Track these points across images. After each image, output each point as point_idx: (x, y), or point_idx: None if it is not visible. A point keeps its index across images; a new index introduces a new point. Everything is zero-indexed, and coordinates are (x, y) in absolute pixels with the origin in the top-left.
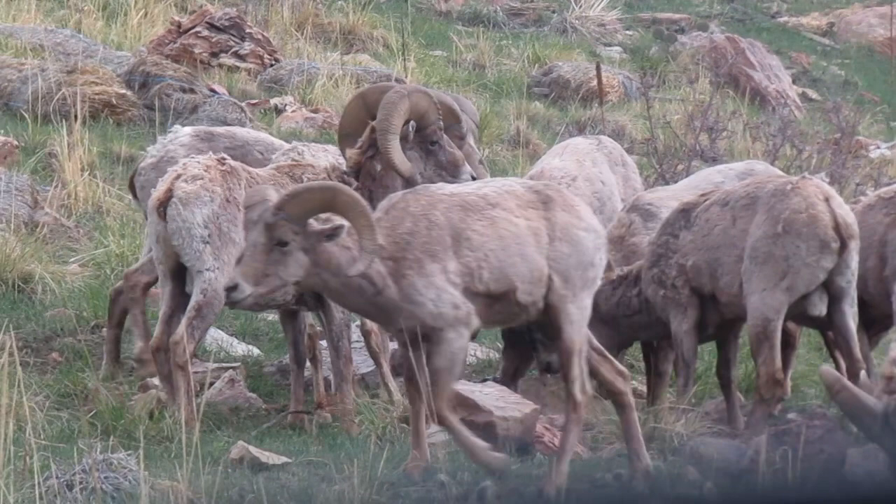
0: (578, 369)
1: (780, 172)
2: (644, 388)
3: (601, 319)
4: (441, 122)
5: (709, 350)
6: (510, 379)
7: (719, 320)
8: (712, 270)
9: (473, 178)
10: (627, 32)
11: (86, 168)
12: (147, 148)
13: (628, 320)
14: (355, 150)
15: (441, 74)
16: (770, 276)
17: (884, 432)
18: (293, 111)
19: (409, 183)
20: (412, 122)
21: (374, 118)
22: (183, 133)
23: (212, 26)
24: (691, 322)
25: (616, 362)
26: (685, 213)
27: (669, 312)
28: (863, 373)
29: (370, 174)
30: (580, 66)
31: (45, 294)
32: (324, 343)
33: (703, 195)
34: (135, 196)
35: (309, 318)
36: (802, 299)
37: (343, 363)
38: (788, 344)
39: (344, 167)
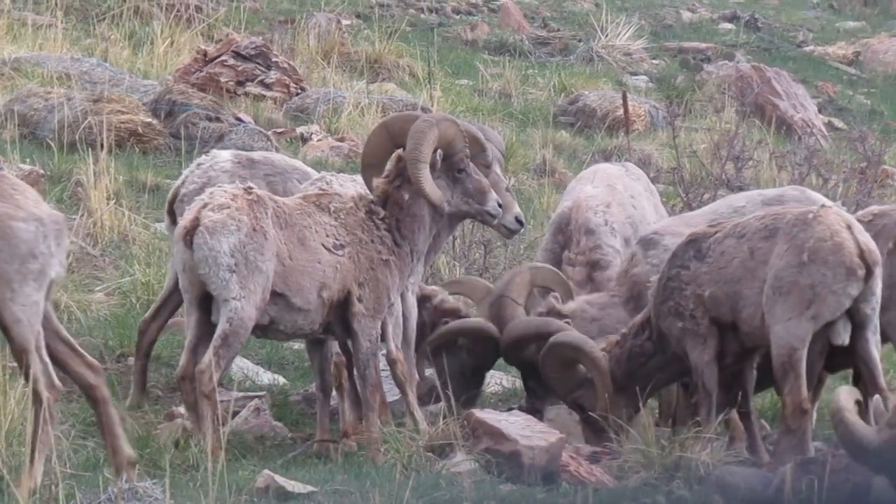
0: (37, 366)
1: (820, 196)
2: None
3: (619, 388)
4: (468, 150)
5: None
6: (538, 399)
7: (739, 349)
8: (733, 303)
9: (500, 206)
10: (653, 61)
11: (112, 197)
12: (183, 171)
13: (644, 368)
14: (382, 179)
15: (467, 103)
16: (795, 306)
17: (880, 467)
18: (319, 140)
19: (437, 211)
20: (439, 151)
21: (398, 147)
22: (222, 158)
23: (238, 55)
24: (711, 352)
25: (86, 356)
26: (694, 244)
27: (688, 344)
28: (876, 398)
29: (397, 203)
30: (606, 95)
31: (70, 323)
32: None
33: (711, 226)
34: (173, 222)
35: (335, 346)
36: (826, 328)
37: (369, 392)
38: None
39: (370, 196)
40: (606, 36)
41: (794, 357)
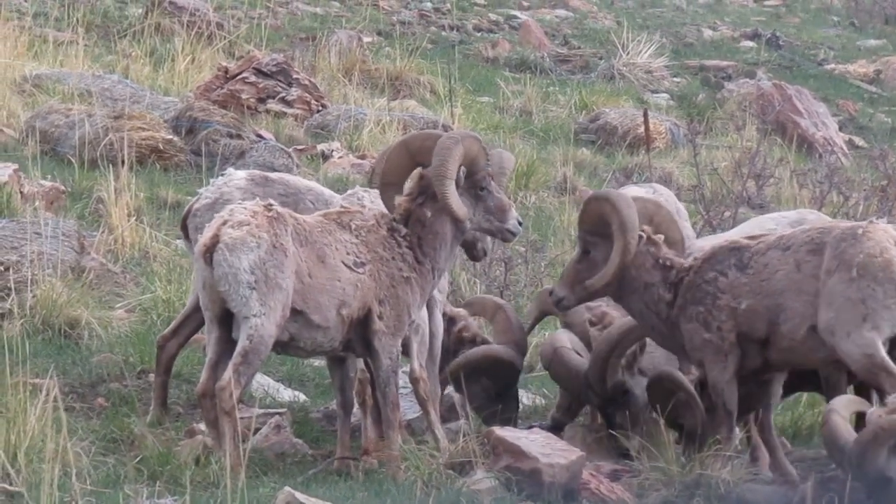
0: None
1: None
2: None
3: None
4: (490, 168)
5: None
6: (563, 413)
7: (761, 367)
8: (772, 315)
9: (520, 224)
10: (675, 79)
11: (132, 213)
12: (199, 190)
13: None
14: (405, 197)
15: (488, 121)
16: (850, 320)
17: (848, 468)
18: (340, 157)
19: (460, 228)
20: (462, 168)
21: (418, 165)
22: (237, 176)
23: (259, 72)
24: (732, 370)
25: None
26: (736, 253)
27: (707, 358)
28: (870, 411)
29: (420, 221)
30: (627, 113)
31: (91, 339)
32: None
33: (752, 237)
34: (187, 237)
35: (359, 363)
36: None
37: (390, 409)
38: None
39: (391, 214)
40: (628, 54)
41: (875, 360)
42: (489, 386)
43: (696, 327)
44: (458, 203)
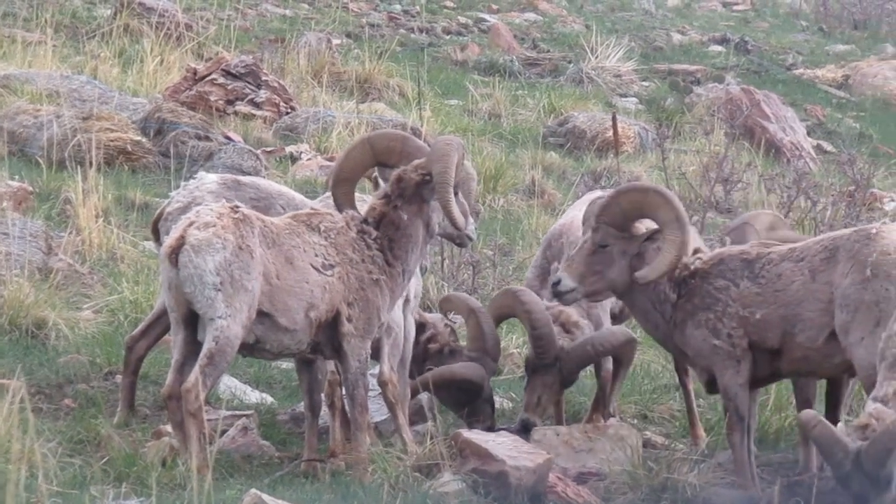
0: None
1: None
2: (658, 439)
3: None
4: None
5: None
6: (532, 411)
7: (768, 375)
8: (788, 326)
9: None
10: (643, 83)
11: (100, 214)
12: (170, 193)
13: (652, 315)
14: (380, 200)
15: (456, 123)
16: (864, 323)
17: (853, 471)
18: (308, 159)
19: (431, 233)
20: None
21: (378, 165)
22: (209, 180)
23: (228, 74)
24: (745, 376)
25: None
26: (748, 264)
27: (718, 364)
28: (841, 423)
29: (394, 223)
30: (596, 117)
31: (58, 340)
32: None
33: (763, 244)
34: (157, 240)
35: (330, 365)
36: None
37: (358, 411)
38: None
39: (360, 215)
40: (596, 57)
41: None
42: (460, 396)
43: (705, 334)
44: (458, 211)
